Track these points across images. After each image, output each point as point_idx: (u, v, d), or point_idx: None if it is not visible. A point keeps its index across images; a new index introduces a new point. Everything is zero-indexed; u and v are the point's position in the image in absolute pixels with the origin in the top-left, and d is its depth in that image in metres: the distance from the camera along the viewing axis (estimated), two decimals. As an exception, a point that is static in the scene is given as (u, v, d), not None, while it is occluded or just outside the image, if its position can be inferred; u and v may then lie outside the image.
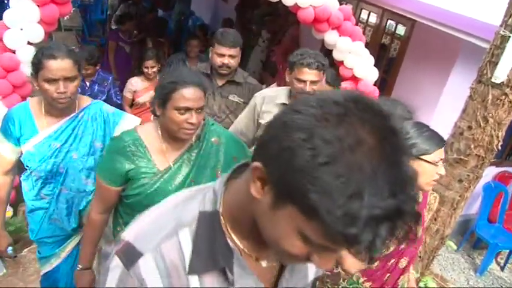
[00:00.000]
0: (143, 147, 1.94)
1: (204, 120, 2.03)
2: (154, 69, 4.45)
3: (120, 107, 4.39)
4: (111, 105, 3.97)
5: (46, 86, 2.06)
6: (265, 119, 2.76)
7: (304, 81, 2.65)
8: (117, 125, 2.32)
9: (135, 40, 6.48)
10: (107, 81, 4.53)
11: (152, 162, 1.94)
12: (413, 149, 1.78)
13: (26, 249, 3.70)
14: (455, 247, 5.08)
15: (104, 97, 4.37)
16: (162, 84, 1.91)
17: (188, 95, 1.85)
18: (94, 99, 3.76)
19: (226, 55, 3.12)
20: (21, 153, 2.24)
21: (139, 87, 4.56)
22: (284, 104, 2.77)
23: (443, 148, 1.82)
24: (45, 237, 2.43)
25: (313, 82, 2.66)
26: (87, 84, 4.37)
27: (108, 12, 8.87)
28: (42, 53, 2.05)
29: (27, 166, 2.25)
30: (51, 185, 2.31)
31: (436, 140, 1.81)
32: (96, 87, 4.45)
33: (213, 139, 2.07)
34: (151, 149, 1.95)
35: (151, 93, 4.21)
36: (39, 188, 2.32)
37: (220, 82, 3.23)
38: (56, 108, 2.16)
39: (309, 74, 2.63)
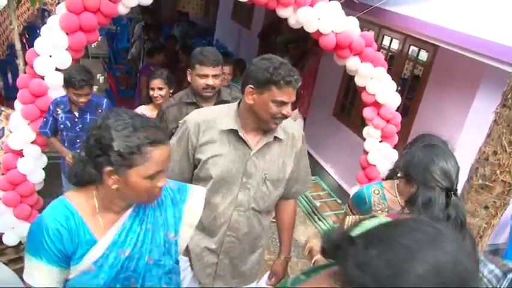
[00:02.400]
0: None
1: None
2: (162, 93, 3.61)
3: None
4: None
5: (144, 182, 1.47)
6: (206, 153, 2.11)
7: (285, 103, 2.01)
8: (184, 203, 1.75)
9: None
10: (101, 107, 3.59)
11: None
12: None
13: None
14: (483, 277, 4.91)
15: None
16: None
17: None
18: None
19: (209, 75, 2.86)
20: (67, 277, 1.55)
21: None
22: (233, 130, 2.11)
23: None
24: None
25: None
26: (76, 114, 3.53)
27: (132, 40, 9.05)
28: (146, 139, 1.44)
29: None
30: None
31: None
32: (89, 116, 3.56)
33: None
34: None
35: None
36: None
37: (208, 106, 2.87)
38: (117, 204, 1.57)
39: (292, 95, 2.02)
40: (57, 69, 3.36)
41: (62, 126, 3.49)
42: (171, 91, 3.68)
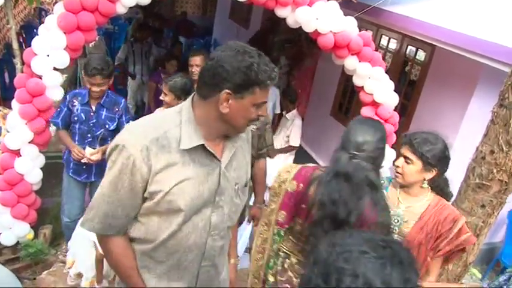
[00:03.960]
0: None
1: None
2: (166, 99, 3.55)
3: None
4: None
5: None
6: (166, 181, 1.60)
7: (265, 103, 1.70)
8: None
9: None
10: (119, 106, 3.60)
11: None
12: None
13: (45, 272, 3.73)
14: (480, 275, 4.93)
15: (113, 126, 3.56)
16: None
17: None
18: (97, 132, 3.49)
19: None
20: None
21: None
22: (202, 146, 1.65)
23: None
24: None
25: None
26: (93, 108, 3.50)
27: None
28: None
29: None
30: None
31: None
32: (104, 112, 3.54)
33: None
34: None
35: None
36: None
37: None
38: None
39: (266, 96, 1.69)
40: (54, 69, 3.36)
41: (75, 118, 3.47)
42: (180, 101, 3.40)
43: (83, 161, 3.52)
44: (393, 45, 5.23)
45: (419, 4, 4.33)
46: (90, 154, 3.51)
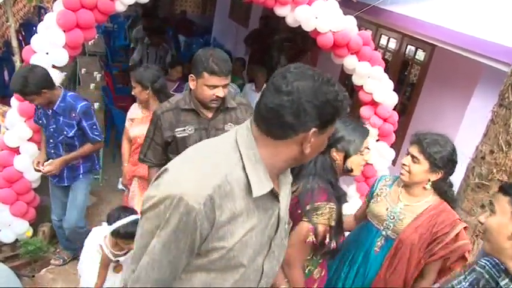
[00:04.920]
0: None
1: None
2: (134, 91, 3.48)
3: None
4: (88, 141, 3.36)
5: None
6: (231, 236, 1.30)
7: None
8: None
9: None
10: (75, 111, 3.25)
11: None
12: (341, 141, 2.08)
13: (44, 270, 3.73)
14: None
15: (71, 132, 3.30)
16: None
17: None
18: (59, 138, 3.26)
19: (220, 86, 2.47)
20: None
21: (134, 115, 3.55)
22: (272, 192, 1.35)
23: (367, 138, 2.14)
24: None
25: None
26: (50, 113, 3.28)
27: (131, 46, 8.64)
28: None
29: None
30: None
31: (360, 131, 2.14)
32: (62, 118, 3.26)
33: None
34: None
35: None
36: None
37: (209, 114, 2.62)
38: None
39: None
40: (54, 67, 3.35)
41: (40, 122, 3.36)
42: (147, 91, 3.41)
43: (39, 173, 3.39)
44: (393, 44, 5.23)
45: (419, 3, 4.33)
46: (44, 166, 3.31)
